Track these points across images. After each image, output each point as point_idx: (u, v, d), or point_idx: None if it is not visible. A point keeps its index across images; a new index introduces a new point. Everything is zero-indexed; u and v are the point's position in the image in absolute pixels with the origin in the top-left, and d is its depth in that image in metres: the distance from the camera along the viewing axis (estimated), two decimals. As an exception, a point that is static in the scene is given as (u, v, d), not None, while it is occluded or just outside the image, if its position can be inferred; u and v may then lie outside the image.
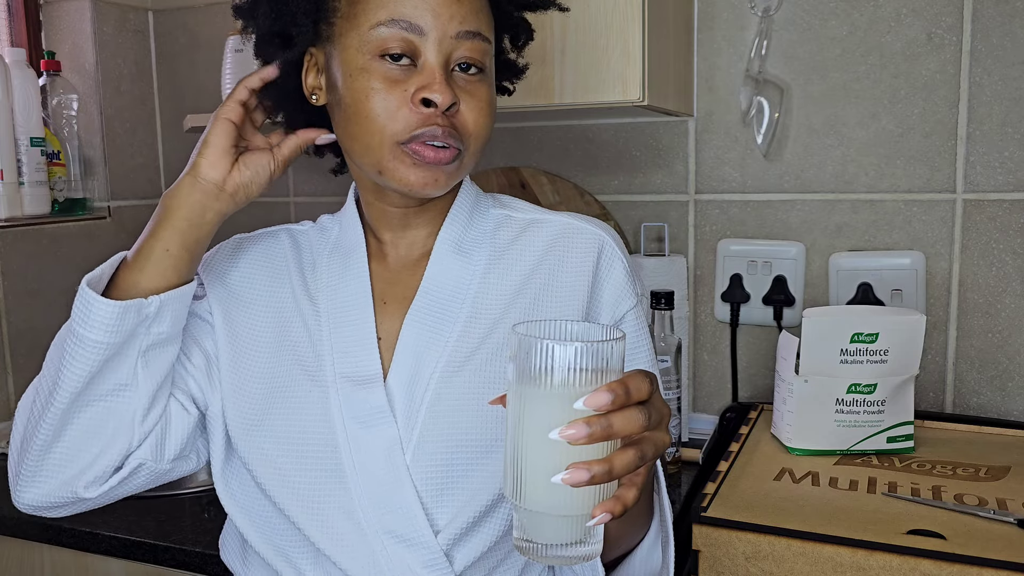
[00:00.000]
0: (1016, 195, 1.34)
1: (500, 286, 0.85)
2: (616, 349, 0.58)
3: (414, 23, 0.76)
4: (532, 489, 0.58)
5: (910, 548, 0.94)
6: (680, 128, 1.52)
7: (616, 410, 0.56)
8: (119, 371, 0.80)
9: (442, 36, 0.77)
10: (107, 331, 0.77)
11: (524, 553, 0.61)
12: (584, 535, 0.60)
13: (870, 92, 1.40)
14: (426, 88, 0.76)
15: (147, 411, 0.82)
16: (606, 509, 0.58)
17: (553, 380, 0.57)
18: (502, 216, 0.90)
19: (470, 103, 0.79)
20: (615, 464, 0.56)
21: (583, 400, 0.55)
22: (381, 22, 0.76)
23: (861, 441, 1.21)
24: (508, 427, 0.59)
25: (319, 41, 0.82)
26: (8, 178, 1.51)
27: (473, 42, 0.78)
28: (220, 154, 0.81)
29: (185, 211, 0.80)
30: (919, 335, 1.19)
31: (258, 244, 0.93)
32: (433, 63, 0.77)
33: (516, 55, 0.92)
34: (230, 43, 1.60)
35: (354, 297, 0.85)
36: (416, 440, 0.80)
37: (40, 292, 1.67)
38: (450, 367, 0.81)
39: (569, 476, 0.55)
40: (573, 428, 0.55)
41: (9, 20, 1.75)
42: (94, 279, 0.79)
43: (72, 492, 0.81)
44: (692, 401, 1.57)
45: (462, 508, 0.78)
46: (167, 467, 0.85)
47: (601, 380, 0.57)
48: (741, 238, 1.50)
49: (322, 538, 0.79)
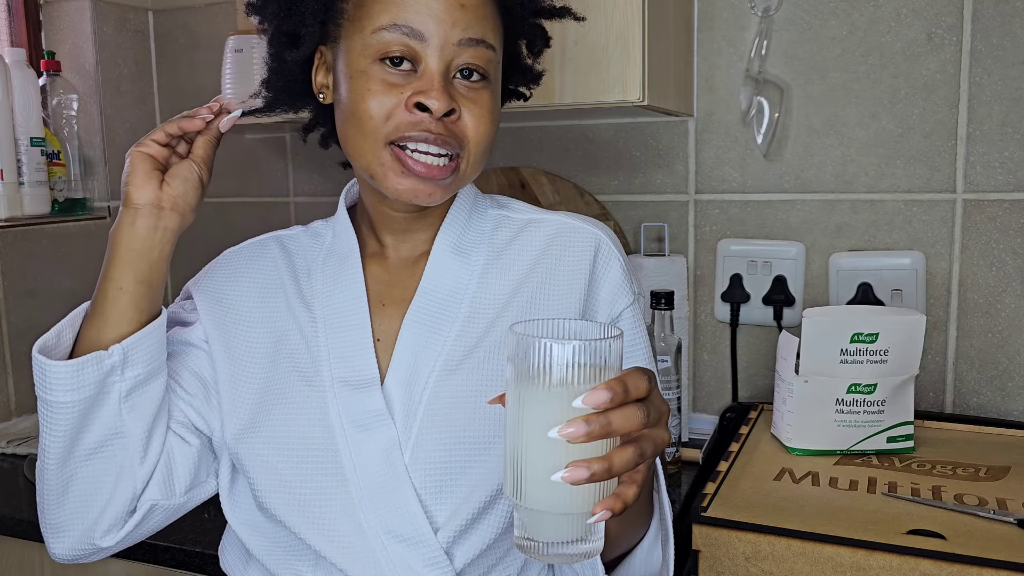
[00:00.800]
0: (1016, 195, 1.34)
1: (498, 286, 0.85)
2: (614, 347, 0.58)
3: (416, 28, 0.76)
4: (532, 488, 0.58)
5: (910, 548, 0.94)
6: (680, 128, 1.52)
7: (615, 408, 0.56)
8: (102, 422, 0.80)
9: (444, 43, 0.76)
10: (70, 390, 0.76)
11: (525, 552, 0.61)
12: (585, 533, 0.60)
13: (870, 92, 1.40)
14: (422, 93, 0.76)
15: (144, 452, 0.82)
16: (606, 507, 0.58)
17: (551, 379, 0.57)
18: (500, 216, 0.91)
19: (472, 110, 0.78)
20: (614, 462, 0.56)
21: (582, 398, 0.56)
22: (383, 26, 0.76)
23: (861, 441, 1.21)
24: (507, 426, 0.60)
25: (328, 40, 0.82)
26: (8, 178, 1.51)
27: (476, 49, 0.78)
28: (144, 178, 0.80)
29: (129, 241, 0.80)
30: (919, 335, 1.19)
31: (248, 259, 0.92)
32: (433, 69, 0.76)
33: (532, 61, 0.91)
34: (230, 43, 1.60)
35: (350, 301, 0.85)
36: (414, 439, 0.80)
37: (40, 292, 1.67)
38: (448, 366, 0.82)
39: (568, 474, 0.55)
40: (572, 426, 0.55)
41: (9, 20, 1.75)
42: (49, 341, 0.78)
43: (91, 543, 0.82)
44: (692, 401, 1.57)
45: (461, 505, 0.79)
46: (181, 500, 0.85)
47: (600, 378, 0.57)
48: (741, 238, 1.50)
49: (323, 542, 0.79)
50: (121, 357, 0.78)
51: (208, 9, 1.85)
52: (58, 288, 1.71)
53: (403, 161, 0.77)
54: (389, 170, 0.78)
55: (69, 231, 1.73)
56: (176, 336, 0.89)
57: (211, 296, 0.89)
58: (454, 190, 0.81)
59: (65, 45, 1.79)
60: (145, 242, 0.80)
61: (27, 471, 1.41)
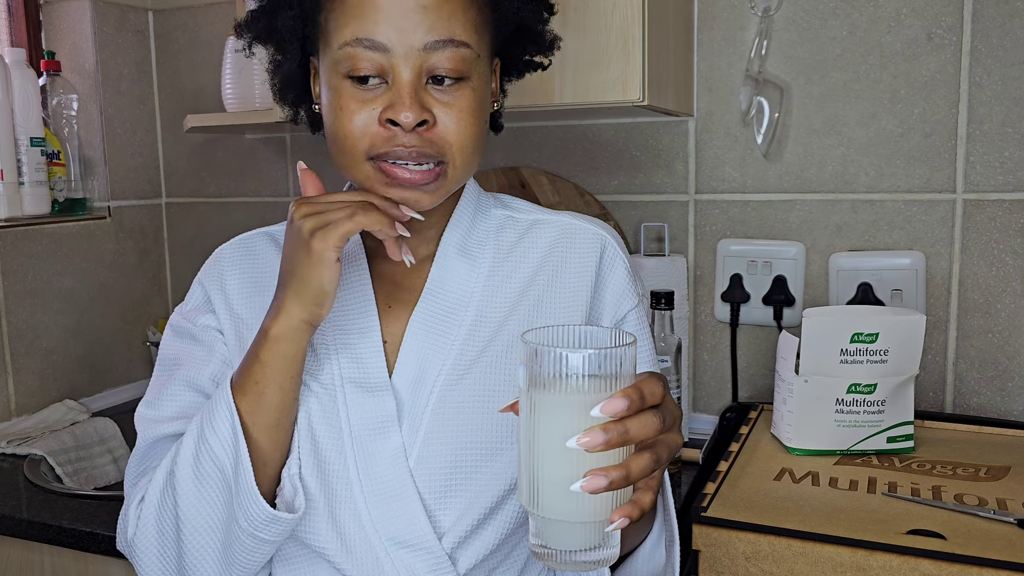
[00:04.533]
0: (1016, 195, 1.34)
1: (505, 288, 0.85)
2: (628, 354, 0.58)
3: (377, 40, 0.73)
4: (550, 497, 0.58)
5: (910, 548, 0.94)
6: (680, 128, 1.52)
7: (632, 415, 0.56)
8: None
9: (408, 50, 0.74)
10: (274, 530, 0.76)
11: (541, 559, 0.61)
12: (602, 540, 0.60)
13: (870, 92, 1.40)
14: (391, 108, 0.74)
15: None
16: (624, 514, 0.58)
17: (567, 387, 0.56)
18: (504, 217, 0.90)
19: (449, 114, 0.75)
20: (632, 469, 0.56)
21: (599, 407, 0.55)
22: (347, 41, 0.74)
23: (861, 441, 1.21)
24: (521, 436, 0.59)
25: (315, 52, 0.82)
26: (8, 178, 1.51)
27: (445, 51, 0.74)
28: (335, 288, 0.74)
29: (300, 363, 0.76)
30: (919, 335, 1.19)
31: (244, 259, 0.90)
32: (402, 80, 0.74)
33: (543, 27, 0.87)
34: (230, 43, 1.60)
35: (358, 302, 0.84)
36: (420, 443, 0.79)
37: (40, 292, 1.67)
38: (456, 370, 0.81)
39: (587, 483, 0.55)
40: (590, 436, 0.55)
41: (9, 20, 1.75)
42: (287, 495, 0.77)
43: None
44: (692, 401, 1.57)
45: (466, 510, 0.78)
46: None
47: (615, 386, 0.57)
48: (741, 238, 1.50)
49: (326, 545, 0.78)
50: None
51: (208, 9, 1.85)
52: (58, 288, 1.71)
53: (387, 172, 0.76)
54: (376, 182, 0.76)
55: (69, 231, 1.73)
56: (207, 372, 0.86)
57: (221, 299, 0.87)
58: (445, 194, 0.79)
59: (65, 45, 1.79)
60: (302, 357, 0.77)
61: (27, 471, 1.41)
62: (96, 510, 1.26)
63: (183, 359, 0.87)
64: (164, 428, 0.83)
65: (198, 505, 0.76)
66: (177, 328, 0.89)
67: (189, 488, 0.75)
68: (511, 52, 0.87)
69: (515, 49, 0.87)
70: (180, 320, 0.89)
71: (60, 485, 1.42)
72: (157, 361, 0.90)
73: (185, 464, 0.76)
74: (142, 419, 0.86)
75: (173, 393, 0.85)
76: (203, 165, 1.92)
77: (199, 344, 0.87)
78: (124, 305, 1.85)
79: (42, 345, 1.68)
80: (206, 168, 1.92)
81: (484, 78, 0.80)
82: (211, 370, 0.85)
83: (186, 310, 0.89)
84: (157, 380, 0.88)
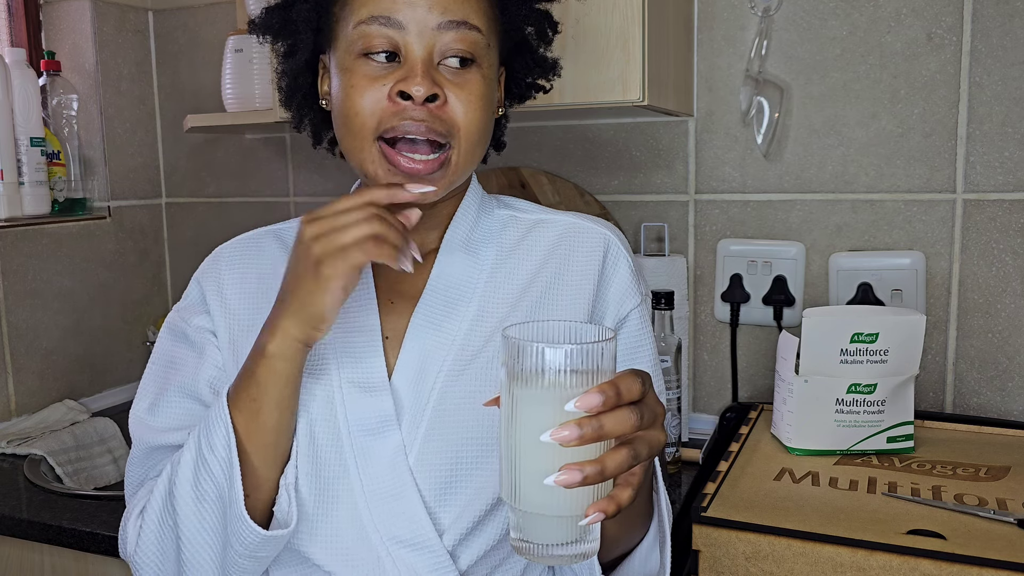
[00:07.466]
0: (1016, 195, 1.34)
1: (507, 286, 0.85)
2: (607, 350, 0.58)
3: (393, 18, 0.76)
4: (527, 490, 0.58)
5: (910, 548, 0.94)
6: (680, 128, 1.52)
7: (607, 411, 0.56)
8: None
9: (422, 28, 0.76)
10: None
11: (521, 553, 0.61)
12: (580, 534, 0.60)
13: (870, 92, 1.40)
14: (404, 81, 0.75)
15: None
16: (599, 509, 0.58)
17: (544, 382, 0.57)
18: (507, 216, 0.90)
19: (458, 95, 0.77)
20: (607, 464, 0.56)
21: (574, 402, 0.56)
22: (363, 20, 0.76)
23: (861, 441, 1.21)
24: (501, 429, 0.60)
25: (326, 48, 0.83)
26: (8, 178, 1.51)
27: (458, 32, 0.76)
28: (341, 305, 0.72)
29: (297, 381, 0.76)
30: (919, 335, 1.19)
31: (245, 258, 0.89)
32: (415, 56, 0.76)
33: (544, 49, 0.89)
34: (230, 43, 1.60)
35: (358, 300, 0.84)
36: (421, 440, 0.79)
37: (40, 292, 1.67)
38: (456, 366, 0.81)
39: (561, 478, 0.55)
40: (565, 430, 0.55)
41: (9, 20, 1.75)
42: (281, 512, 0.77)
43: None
44: (692, 401, 1.57)
45: (466, 507, 0.78)
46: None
47: (592, 381, 0.57)
48: (741, 238, 1.50)
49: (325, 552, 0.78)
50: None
51: (208, 9, 1.85)
52: (58, 288, 1.71)
53: (391, 159, 0.76)
54: (379, 167, 0.77)
55: (69, 231, 1.73)
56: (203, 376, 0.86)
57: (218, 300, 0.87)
58: (449, 185, 0.79)
59: (65, 45, 1.79)
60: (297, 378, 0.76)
61: (27, 471, 1.41)
62: (96, 510, 1.26)
63: (177, 362, 0.87)
64: (162, 438, 0.84)
65: (198, 524, 0.76)
66: (172, 327, 0.89)
67: (189, 508, 0.76)
68: (514, 71, 0.89)
69: (519, 68, 0.89)
70: (175, 318, 0.89)
71: (60, 485, 1.42)
72: (151, 357, 0.90)
73: (184, 483, 0.76)
74: (138, 423, 0.86)
75: (170, 401, 0.85)
76: (203, 165, 1.92)
77: (192, 347, 0.87)
78: (124, 305, 1.85)
79: (42, 345, 1.68)
80: (206, 168, 1.92)
81: (493, 68, 0.81)
82: (205, 375, 0.85)
83: (182, 308, 0.89)
84: (150, 378, 0.88)
